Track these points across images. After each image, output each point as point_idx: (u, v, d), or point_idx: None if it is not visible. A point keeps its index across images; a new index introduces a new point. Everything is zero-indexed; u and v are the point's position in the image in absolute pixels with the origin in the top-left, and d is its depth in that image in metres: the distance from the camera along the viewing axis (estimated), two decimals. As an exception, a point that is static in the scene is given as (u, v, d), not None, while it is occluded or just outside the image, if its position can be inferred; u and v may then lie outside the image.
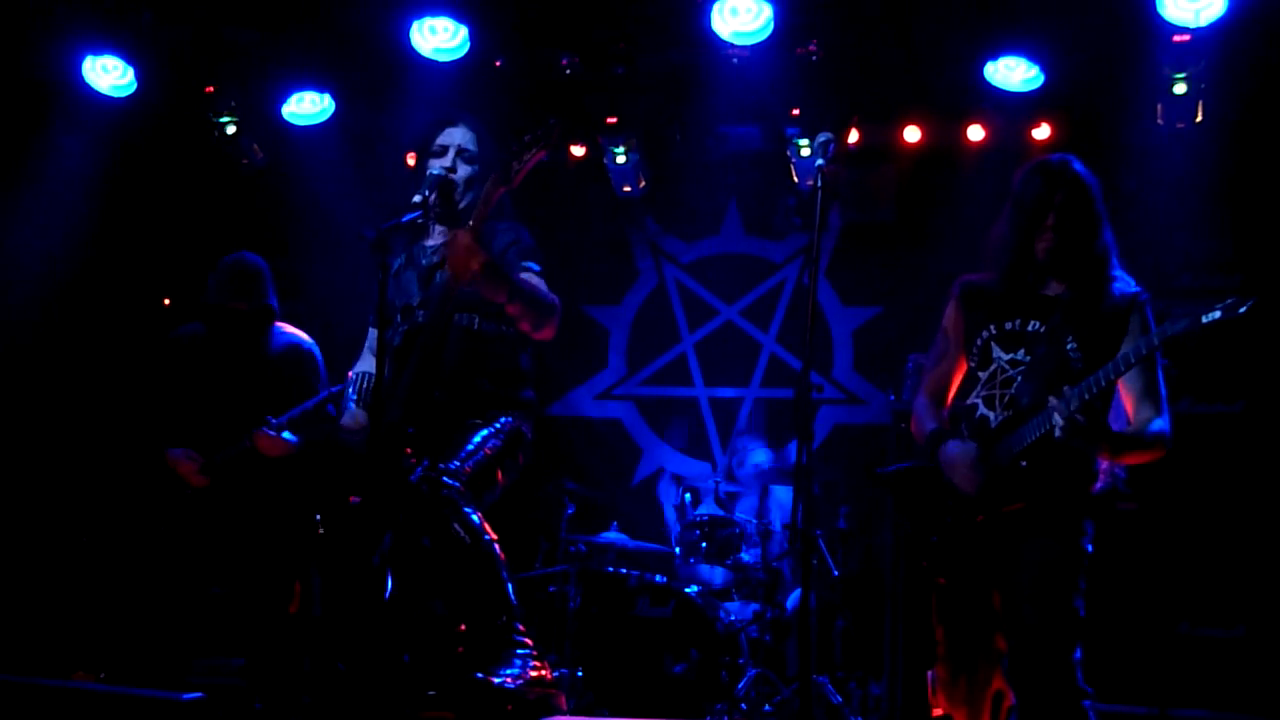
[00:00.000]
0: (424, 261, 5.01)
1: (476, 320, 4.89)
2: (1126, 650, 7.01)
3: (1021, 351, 4.32)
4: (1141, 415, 4.22)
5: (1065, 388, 4.06)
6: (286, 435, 5.92)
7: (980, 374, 4.41)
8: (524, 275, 4.89)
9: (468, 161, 5.02)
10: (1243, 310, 3.83)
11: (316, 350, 6.33)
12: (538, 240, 5.11)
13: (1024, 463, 4.19)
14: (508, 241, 4.95)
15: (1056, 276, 4.37)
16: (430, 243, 5.07)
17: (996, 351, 4.38)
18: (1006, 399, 4.30)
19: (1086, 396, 4.03)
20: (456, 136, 5.04)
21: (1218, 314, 3.86)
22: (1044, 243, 4.33)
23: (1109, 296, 4.30)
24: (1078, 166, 4.39)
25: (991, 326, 4.41)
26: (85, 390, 8.17)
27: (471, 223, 4.60)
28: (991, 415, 4.33)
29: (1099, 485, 4.35)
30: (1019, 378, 4.29)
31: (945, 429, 4.46)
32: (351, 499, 4.81)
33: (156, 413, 6.12)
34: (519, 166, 4.63)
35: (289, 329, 6.31)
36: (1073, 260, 4.33)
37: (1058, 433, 4.03)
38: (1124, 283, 4.35)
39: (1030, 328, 4.34)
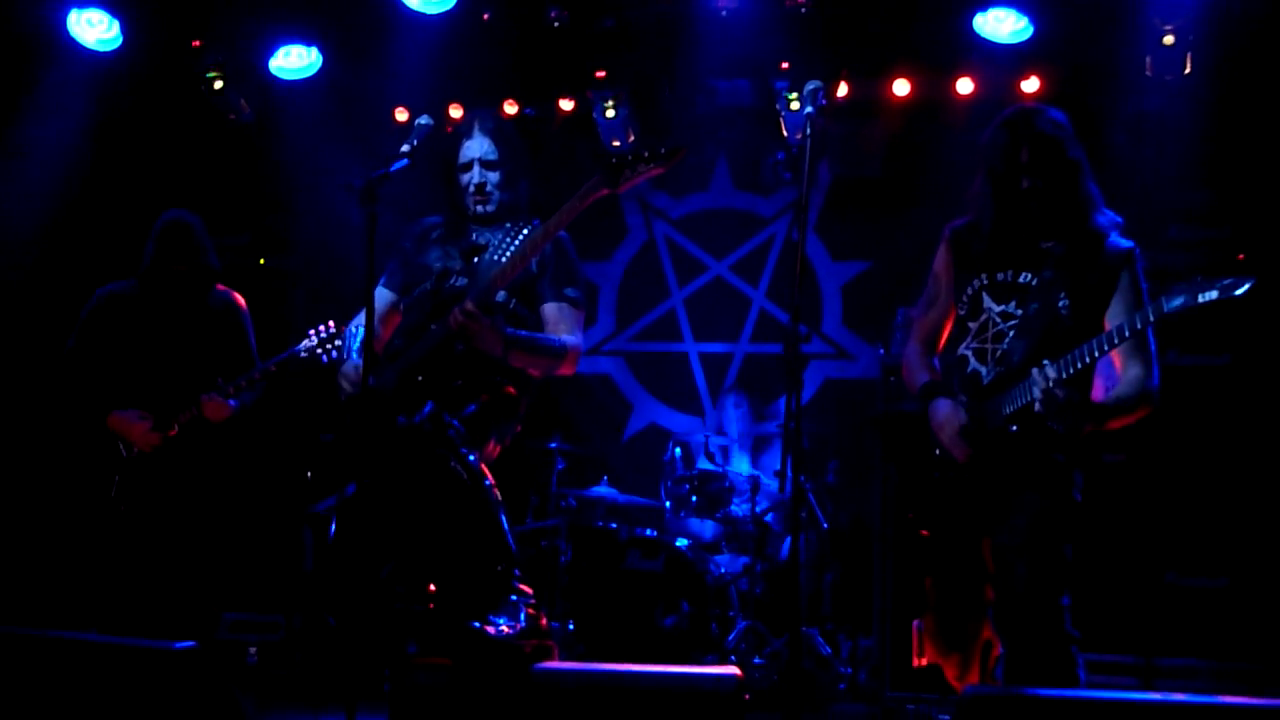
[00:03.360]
0: (470, 238, 5.02)
1: (514, 302, 4.91)
2: (1113, 600, 7.06)
3: (1013, 304, 4.28)
4: (1130, 373, 4.19)
5: (1046, 363, 4.02)
6: (231, 401, 5.88)
7: (970, 324, 4.37)
8: (553, 306, 4.95)
9: (493, 168, 5.03)
10: (1239, 292, 3.80)
11: (247, 313, 6.26)
12: (533, 196, 5.12)
13: (1014, 426, 4.18)
14: (549, 264, 4.96)
15: (1044, 227, 4.32)
16: (475, 223, 5.08)
17: (988, 302, 4.33)
18: (998, 354, 4.27)
19: (1072, 371, 4.01)
20: (474, 149, 5.05)
21: (1214, 294, 3.80)
22: (1022, 200, 4.28)
23: (1102, 252, 4.25)
24: (1041, 120, 4.31)
25: (983, 276, 4.36)
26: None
27: (561, 220, 4.64)
28: (983, 370, 4.30)
29: None
30: (1011, 332, 4.27)
31: (937, 382, 4.45)
32: (323, 436, 4.82)
33: (95, 373, 6.05)
34: (630, 175, 4.58)
35: (223, 289, 6.23)
36: (1056, 212, 4.29)
37: (1037, 407, 4.03)
38: (1116, 236, 4.29)
39: (1022, 279, 4.29)
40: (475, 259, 4.92)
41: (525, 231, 4.88)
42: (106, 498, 5.82)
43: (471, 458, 4.53)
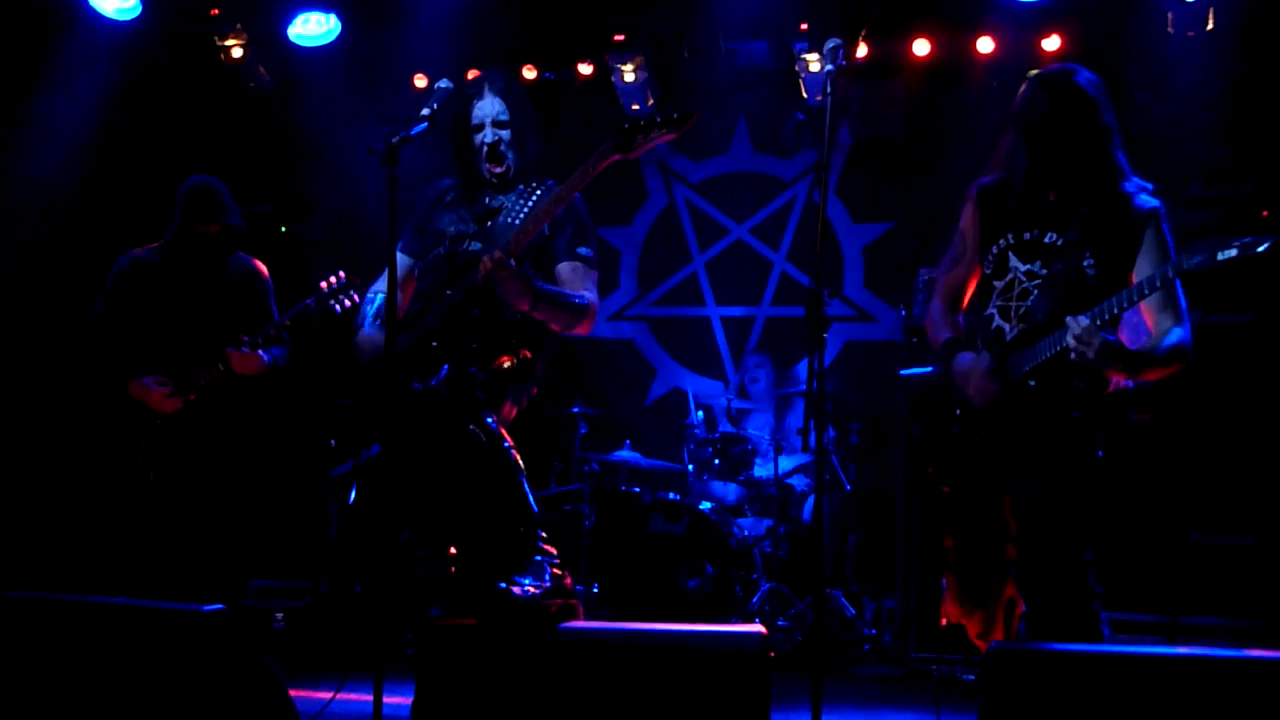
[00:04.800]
0: (484, 201, 5.01)
1: (526, 265, 4.89)
2: (1138, 559, 7.05)
3: (1039, 263, 4.29)
4: (1161, 327, 4.20)
5: (1080, 316, 4.03)
6: (261, 353, 5.89)
7: (996, 283, 4.39)
8: (566, 265, 4.94)
9: (504, 127, 5.02)
10: (1260, 250, 3.80)
11: (269, 279, 6.26)
12: (552, 160, 5.12)
13: (1033, 382, 4.20)
14: (562, 225, 4.96)
15: (1073, 189, 4.31)
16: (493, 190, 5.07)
17: (1014, 261, 4.35)
18: (1022, 311, 4.29)
19: (1100, 322, 4.02)
20: (486, 109, 5.03)
21: (1234, 252, 3.82)
22: (1056, 160, 4.27)
23: (1127, 211, 4.25)
24: (1081, 79, 4.29)
25: (1009, 235, 4.37)
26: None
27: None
28: (1007, 327, 4.32)
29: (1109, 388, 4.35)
30: (1035, 290, 4.28)
31: (960, 338, 4.46)
32: (342, 401, 4.83)
33: (119, 340, 6.04)
34: (642, 141, 4.57)
35: (244, 255, 6.24)
36: (1086, 174, 4.27)
37: (1072, 355, 4.03)
38: (1142, 196, 4.29)
39: (1048, 239, 4.30)
40: (489, 223, 4.93)
41: (538, 194, 4.88)
42: (134, 464, 5.85)
43: (490, 420, 4.55)
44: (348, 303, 5.63)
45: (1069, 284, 4.21)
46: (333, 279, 5.74)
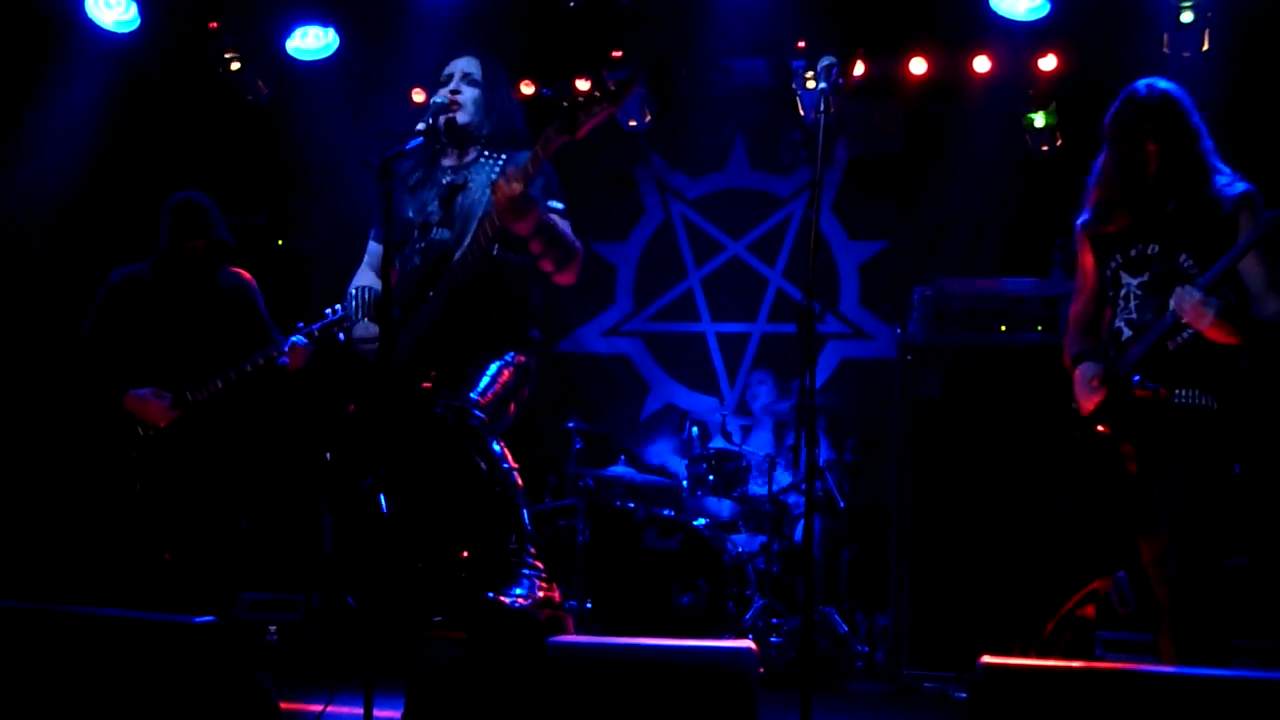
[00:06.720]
0: (444, 180, 4.98)
1: (496, 246, 4.80)
2: (1132, 580, 7.05)
3: (1148, 274, 4.47)
4: (1270, 307, 4.33)
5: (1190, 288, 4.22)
6: (306, 342, 5.91)
7: (1117, 301, 4.57)
8: (549, 216, 4.90)
9: (471, 84, 5.00)
10: None
11: (258, 289, 6.27)
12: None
13: (1136, 377, 4.32)
14: (533, 181, 4.92)
15: (1167, 193, 4.48)
16: (448, 162, 5.02)
17: (1125, 278, 4.53)
18: (1135, 319, 4.48)
19: (1215, 277, 4.20)
20: (461, 65, 5.03)
21: None
22: (1151, 165, 4.44)
23: (1218, 203, 4.41)
24: (1165, 86, 4.52)
25: (1118, 256, 4.56)
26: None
27: (529, 167, 4.56)
28: (1130, 334, 4.50)
29: None
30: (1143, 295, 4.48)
31: (1087, 350, 4.64)
32: (349, 407, 4.81)
33: (111, 356, 6.04)
34: (585, 119, 4.52)
35: (231, 269, 6.25)
36: (1177, 176, 4.45)
37: (1185, 316, 4.18)
38: (1232, 185, 4.45)
39: (1150, 250, 4.48)
40: (453, 203, 4.88)
41: (500, 162, 4.84)
42: (124, 475, 5.85)
43: (495, 446, 4.53)
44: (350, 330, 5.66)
45: (1171, 282, 4.35)
46: (339, 306, 5.80)
